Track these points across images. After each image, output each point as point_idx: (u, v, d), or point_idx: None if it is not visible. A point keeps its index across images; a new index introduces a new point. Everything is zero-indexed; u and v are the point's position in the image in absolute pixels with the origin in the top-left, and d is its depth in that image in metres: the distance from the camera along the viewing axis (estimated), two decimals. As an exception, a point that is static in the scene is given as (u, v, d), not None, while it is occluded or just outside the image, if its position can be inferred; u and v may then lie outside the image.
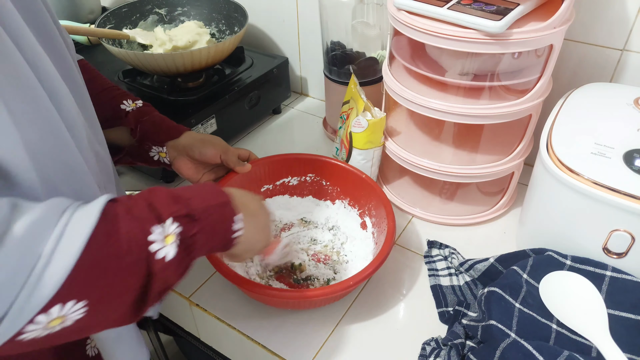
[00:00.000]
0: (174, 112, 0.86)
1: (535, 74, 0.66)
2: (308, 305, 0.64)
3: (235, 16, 1.01)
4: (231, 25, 1.03)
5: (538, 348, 0.51)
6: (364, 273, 0.60)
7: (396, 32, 0.69)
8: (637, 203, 0.53)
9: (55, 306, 0.34)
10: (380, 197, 0.71)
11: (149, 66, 0.86)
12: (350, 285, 0.59)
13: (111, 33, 0.94)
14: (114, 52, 0.87)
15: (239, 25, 1.00)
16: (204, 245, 0.45)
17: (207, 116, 0.89)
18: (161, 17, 1.06)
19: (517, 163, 0.74)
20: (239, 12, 1.00)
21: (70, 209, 0.36)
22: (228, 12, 1.03)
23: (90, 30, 0.91)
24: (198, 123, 0.87)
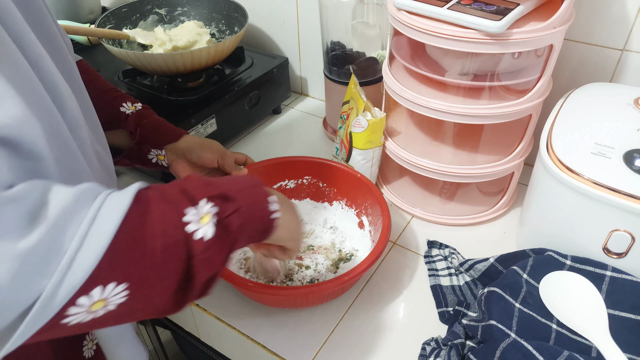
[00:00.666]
0: (174, 112, 0.86)
1: (535, 74, 0.66)
2: (303, 302, 0.65)
3: (235, 16, 1.01)
4: (231, 25, 1.03)
5: (538, 348, 0.51)
6: (358, 269, 0.60)
7: (396, 32, 0.69)
8: (637, 203, 0.53)
9: (96, 288, 0.34)
10: (375, 196, 0.71)
11: (149, 66, 0.86)
12: (345, 281, 0.59)
13: (111, 33, 0.93)
14: (114, 52, 0.87)
15: (239, 26, 1.00)
16: (244, 227, 0.44)
17: (207, 116, 0.89)
18: (161, 17, 1.06)
19: (517, 163, 0.74)
20: (239, 12, 0.99)
21: (103, 194, 0.37)
22: (228, 12, 1.03)
23: (90, 30, 0.91)
24: (198, 123, 0.87)
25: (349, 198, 0.78)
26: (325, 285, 0.59)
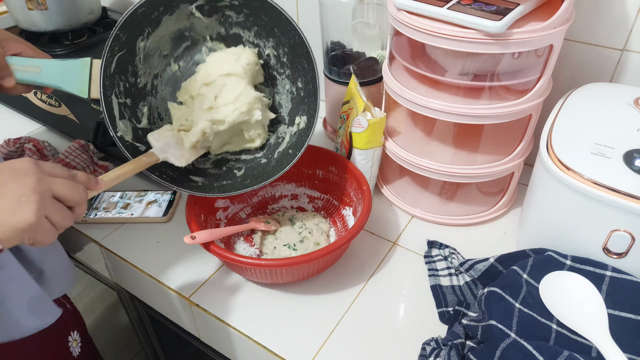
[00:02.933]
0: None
1: (535, 74, 0.66)
2: (287, 275, 0.66)
3: (301, 61, 0.71)
4: (295, 66, 0.73)
5: (538, 348, 0.51)
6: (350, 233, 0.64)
7: (396, 32, 0.69)
8: (637, 203, 0.53)
9: None
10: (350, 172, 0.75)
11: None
12: (334, 249, 0.62)
13: (139, 164, 0.65)
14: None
15: (303, 77, 0.72)
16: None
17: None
18: (200, 7, 0.71)
19: (517, 163, 0.74)
20: (307, 61, 0.70)
21: None
22: (296, 49, 0.71)
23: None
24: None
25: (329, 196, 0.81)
26: (312, 255, 0.62)
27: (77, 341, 0.73)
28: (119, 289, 0.91)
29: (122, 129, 0.67)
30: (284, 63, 0.72)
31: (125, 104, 0.68)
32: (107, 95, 0.65)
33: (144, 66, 0.70)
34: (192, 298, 0.69)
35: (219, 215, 0.76)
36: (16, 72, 0.65)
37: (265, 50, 0.72)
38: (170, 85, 0.74)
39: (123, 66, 0.67)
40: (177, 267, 0.73)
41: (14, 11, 1.08)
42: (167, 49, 0.72)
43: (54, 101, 0.97)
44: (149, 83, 0.71)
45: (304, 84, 0.71)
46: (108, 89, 0.65)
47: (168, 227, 0.80)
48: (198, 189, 0.69)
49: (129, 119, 0.68)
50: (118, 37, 0.64)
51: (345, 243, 0.64)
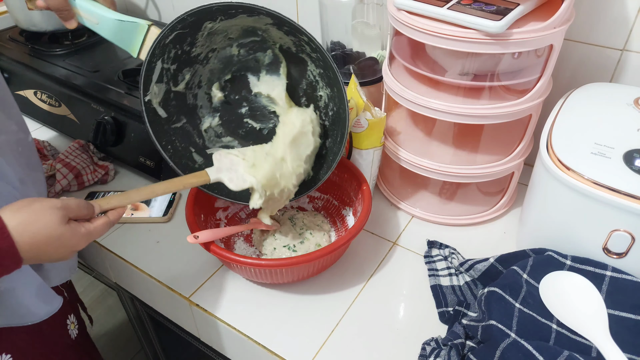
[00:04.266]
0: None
1: (535, 74, 0.66)
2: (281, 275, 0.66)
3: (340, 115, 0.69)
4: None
5: (538, 348, 0.51)
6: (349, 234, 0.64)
7: (396, 32, 0.69)
8: (637, 203, 0.53)
9: None
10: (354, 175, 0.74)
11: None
12: (334, 249, 0.62)
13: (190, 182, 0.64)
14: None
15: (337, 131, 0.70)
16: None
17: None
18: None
19: (517, 163, 0.74)
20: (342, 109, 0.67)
21: None
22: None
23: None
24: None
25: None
26: (308, 256, 0.61)
27: (74, 324, 0.76)
28: (119, 289, 0.91)
29: (154, 92, 0.67)
30: (328, 115, 0.71)
31: (169, 69, 0.67)
32: (152, 61, 0.65)
33: (205, 40, 0.68)
34: (192, 298, 0.69)
35: (219, 215, 0.76)
36: (78, 17, 0.71)
37: (320, 91, 0.71)
38: (223, 64, 0.71)
39: (181, 38, 0.65)
40: (177, 267, 0.73)
41: (14, 11, 1.09)
42: (235, 34, 0.69)
43: (54, 101, 0.97)
44: (204, 54, 0.69)
45: (330, 147, 0.71)
46: (157, 56, 0.65)
47: (168, 227, 0.80)
48: (191, 171, 0.68)
49: (166, 83, 0.68)
50: (184, 20, 0.62)
51: (345, 243, 0.64)
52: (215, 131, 0.75)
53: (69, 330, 0.74)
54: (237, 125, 0.76)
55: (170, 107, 0.69)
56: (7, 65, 1.04)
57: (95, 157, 0.89)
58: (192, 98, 0.72)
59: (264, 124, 0.76)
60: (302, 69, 0.71)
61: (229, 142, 0.75)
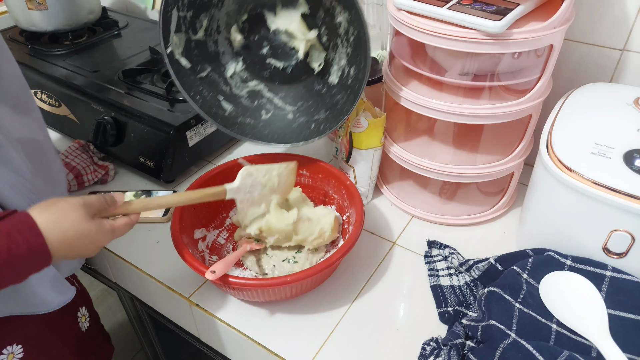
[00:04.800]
0: (175, 111, 0.87)
1: (535, 74, 0.66)
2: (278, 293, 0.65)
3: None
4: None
5: (538, 348, 0.51)
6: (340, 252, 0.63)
7: (396, 32, 0.69)
8: (637, 203, 0.53)
9: None
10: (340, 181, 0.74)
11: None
12: (328, 265, 0.61)
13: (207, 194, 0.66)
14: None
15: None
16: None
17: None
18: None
19: (517, 163, 0.74)
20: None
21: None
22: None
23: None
24: (198, 123, 0.87)
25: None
26: (302, 274, 0.60)
27: (85, 316, 0.77)
28: (118, 289, 0.91)
29: (175, 42, 0.68)
30: (349, 41, 0.70)
31: (185, 17, 0.68)
32: (168, 11, 0.65)
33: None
34: (192, 298, 0.69)
35: (201, 247, 0.73)
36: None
37: (338, 17, 0.70)
38: (237, 3, 0.72)
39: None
40: (177, 267, 0.73)
41: (14, 11, 1.09)
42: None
43: (54, 101, 0.97)
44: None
45: (354, 74, 0.70)
46: (171, 4, 0.65)
47: (168, 227, 0.80)
48: (222, 119, 0.70)
49: (185, 31, 0.69)
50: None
51: (351, 246, 0.63)
52: (240, 76, 0.76)
53: (80, 322, 0.75)
54: (261, 67, 0.77)
55: (193, 56, 0.71)
56: (7, 65, 1.04)
57: (95, 157, 0.89)
58: (213, 45, 0.73)
59: (287, 61, 0.76)
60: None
61: (255, 86, 0.77)
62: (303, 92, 0.77)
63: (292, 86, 0.77)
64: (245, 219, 0.72)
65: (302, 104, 0.76)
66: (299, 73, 0.76)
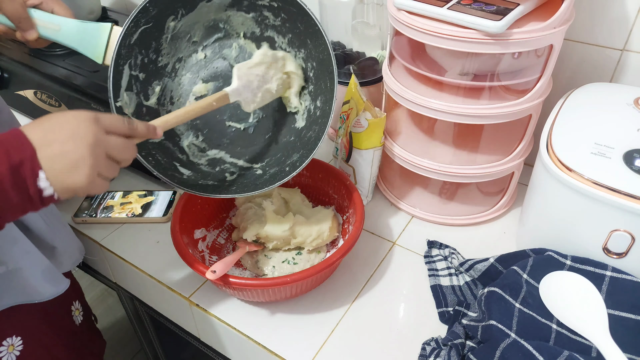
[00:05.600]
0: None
1: (535, 74, 0.66)
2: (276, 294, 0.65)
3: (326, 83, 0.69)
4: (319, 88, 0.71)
5: (538, 348, 0.51)
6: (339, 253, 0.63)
7: (396, 32, 0.69)
8: (637, 203, 0.53)
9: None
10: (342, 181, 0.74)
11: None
12: (328, 265, 0.61)
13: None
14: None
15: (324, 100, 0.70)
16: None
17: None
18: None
19: (517, 163, 0.74)
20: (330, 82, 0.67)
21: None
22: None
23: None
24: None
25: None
26: (300, 275, 0.60)
27: (79, 310, 0.78)
28: (118, 289, 0.91)
29: (125, 100, 0.65)
30: (310, 78, 0.70)
31: (137, 77, 0.66)
32: (120, 64, 0.63)
33: (170, 47, 0.68)
34: (192, 298, 0.69)
35: (201, 247, 0.73)
36: (38, 27, 0.66)
37: (297, 60, 0.70)
38: (191, 73, 0.71)
39: (146, 41, 0.64)
40: (177, 267, 0.73)
41: (14, 11, 1.08)
42: (198, 36, 0.69)
43: (54, 101, 0.97)
44: (170, 64, 0.69)
45: (322, 104, 0.69)
46: (123, 57, 0.63)
47: (168, 227, 0.80)
48: (179, 181, 0.66)
49: (136, 93, 0.66)
50: (147, 10, 0.62)
51: (350, 247, 0.64)
52: (197, 147, 0.72)
53: (74, 316, 0.76)
54: (220, 134, 0.73)
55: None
56: (7, 65, 1.04)
57: (95, 157, 0.89)
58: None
59: (247, 122, 0.74)
60: (271, 44, 0.70)
61: (215, 155, 0.73)
62: (269, 149, 0.73)
63: (257, 147, 0.73)
64: (243, 222, 0.72)
65: (271, 159, 0.72)
66: (263, 131, 0.73)
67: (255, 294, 0.64)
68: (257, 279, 0.66)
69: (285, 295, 0.65)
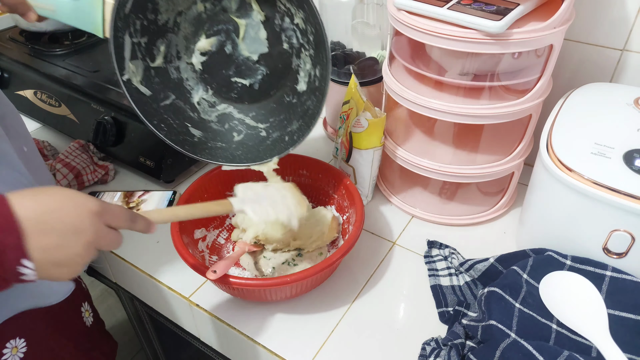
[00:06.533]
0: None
1: (535, 74, 0.66)
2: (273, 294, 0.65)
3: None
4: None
5: (538, 348, 0.51)
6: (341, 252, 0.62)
7: (396, 32, 0.69)
8: (637, 203, 0.53)
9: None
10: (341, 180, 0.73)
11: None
12: (328, 265, 0.61)
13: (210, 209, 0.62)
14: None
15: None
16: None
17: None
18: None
19: (517, 163, 0.74)
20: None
21: None
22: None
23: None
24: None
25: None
26: (299, 275, 0.60)
27: (89, 312, 0.77)
28: (118, 289, 0.91)
29: (132, 70, 0.65)
30: (310, 42, 0.68)
31: (140, 43, 0.65)
32: (119, 36, 0.62)
33: (167, 3, 0.66)
34: (192, 298, 0.69)
35: (201, 247, 0.73)
36: (35, 8, 0.66)
37: (296, 18, 0.68)
38: (194, 26, 0.70)
39: (142, 5, 0.63)
40: (177, 267, 0.73)
41: (14, 11, 1.08)
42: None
43: (54, 101, 0.97)
44: (171, 20, 0.68)
45: (320, 76, 0.68)
46: (120, 29, 0.62)
47: (168, 227, 0.80)
48: (191, 145, 0.66)
49: (141, 59, 0.66)
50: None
51: (351, 247, 0.64)
52: (207, 101, 0.73)
53: (84, 317, 0.75)
54: (228, 89, 0.74)
55: (154, 84, 0.67)
56: (7, 65, 1.04)
57: (95, 157, 0.89)
58: (175, 72, 0.70)
59: (252, 77, 0.73)
60: (271, 2, 0.68)
61: (224, 109, 0.74)
62: (274, 107, 0.74)
63: (262, 103, 0.74)
64: (243, 223, 0.72)
65: (275, 120, 0.73)
66: (268, 88, 0.73)
67: (255, 294, 0.64)
68: (257, 279, 0.66)
69: (285, 295, 0.65)
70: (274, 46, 0.70)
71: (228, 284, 0.60)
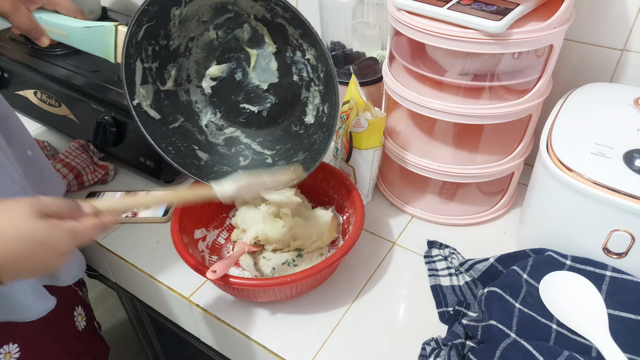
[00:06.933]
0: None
1: (535, 74, 0.66)
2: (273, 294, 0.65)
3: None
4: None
5: (538, 348, 0.51)
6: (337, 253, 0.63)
7: (396, 32, 0.69)
8: (637, 203, 0.53)
9: None
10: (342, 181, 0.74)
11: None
12: (328, 265, 0.61)
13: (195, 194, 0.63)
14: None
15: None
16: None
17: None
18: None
19: (517, 163, 0.74)
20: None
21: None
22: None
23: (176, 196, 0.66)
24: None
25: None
26: (298, 275, 0.60)
27: (82, 315, 0.77)
28: (118, 289, 0.91)
29: (142, 94, 0.66)
30: (320, 78, 0.68)
31: (151, 68, 0.66)
32: (130, 62, 0.63)
33: (179, 29, 0.67)
34: (192, 298, 0.69)
35: (201, 247, 0.73)
36: (48, 33, 0.69)
37: (307, 54, 0.68)
38: (205, 51, 0.70)
39: (154, 32, 0.63)
40: (177, 267, 0.73)
41: (14, 11, 1.08)
42: (207, 16, 0.68)
43: (54, 101, 0.97)
44: (183, 45, 0.68)
45: (328, 113, 0.68)
46: (132, 56, 0.63)
47: (168, 227, 0.80)
48: (197, 168, 0.67)
49: (152, 83, 0.67)
50: (147, 11, 0.61)
51: (350, 247, 0.64)
52: (215, 124, 0.74)
53: (76, 322, 0.75)
54: (236, 113, 0.74)
55: (163, 107, 0.68)
56: (7, 65, 1.04)
57: (95, 157, 0.89)
58: (184, 94, 0.71)
59: (261, 105, 0.74)
60: (283, 36, 0.68)
61: (232, 133, 0.74)
62: (281, 135, 0.74)
63: (270, 130, 0.75)
64: (243, 223, 0.72)
65: (281, 147, 0.73)
66: (276, 116, 0.74)
67: (255, 294, 0.64)
68: (257, 279, 0.66)
69: (285, 295, 0.65)
70: (284, 77, 0.71)
71: (228, 284, 0.60)
